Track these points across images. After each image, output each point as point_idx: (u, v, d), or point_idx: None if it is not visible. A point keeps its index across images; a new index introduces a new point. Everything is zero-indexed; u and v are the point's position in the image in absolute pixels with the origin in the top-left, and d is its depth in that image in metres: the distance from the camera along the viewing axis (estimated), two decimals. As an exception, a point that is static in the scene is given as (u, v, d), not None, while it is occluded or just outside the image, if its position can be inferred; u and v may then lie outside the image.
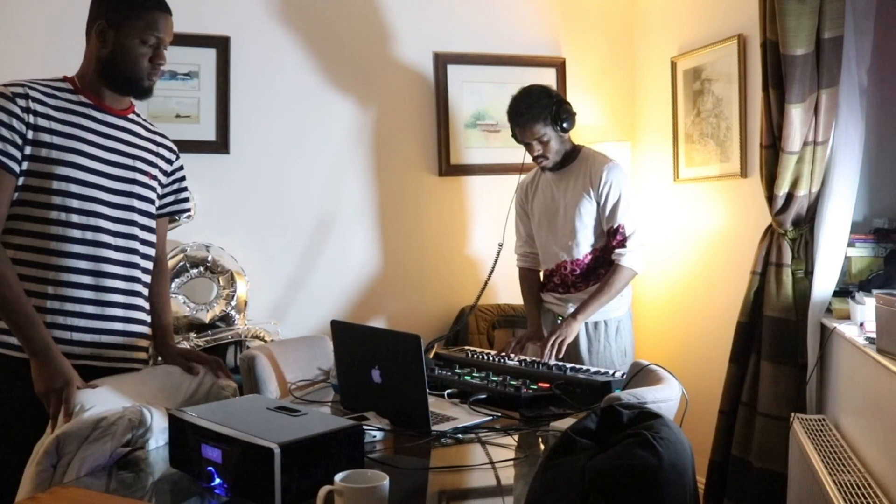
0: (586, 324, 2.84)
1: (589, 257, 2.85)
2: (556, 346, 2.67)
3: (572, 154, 2.88)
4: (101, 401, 1.81)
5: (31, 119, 1.89)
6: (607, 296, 2.76)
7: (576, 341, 2.83)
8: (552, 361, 2.61)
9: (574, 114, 2.83)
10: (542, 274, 3.04)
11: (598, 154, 2.89)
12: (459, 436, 1.93)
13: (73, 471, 1.65)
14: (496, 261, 3.08)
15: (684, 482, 1.42)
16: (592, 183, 2.79)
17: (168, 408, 1.88)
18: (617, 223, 2.77)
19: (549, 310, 2.95)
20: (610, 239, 2.79)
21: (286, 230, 3.62)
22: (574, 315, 2.75)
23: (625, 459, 1.36)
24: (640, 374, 2.23)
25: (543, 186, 2.94)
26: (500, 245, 3.07)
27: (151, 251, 2.15)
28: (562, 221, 2.86)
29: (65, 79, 2.05)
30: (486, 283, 3.11)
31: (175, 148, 2.27)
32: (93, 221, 1.97)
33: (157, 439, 1.82)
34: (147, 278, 2.13)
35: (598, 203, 2.79)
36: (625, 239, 2.76)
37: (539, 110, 2.76)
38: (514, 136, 2.87)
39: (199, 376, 2.08)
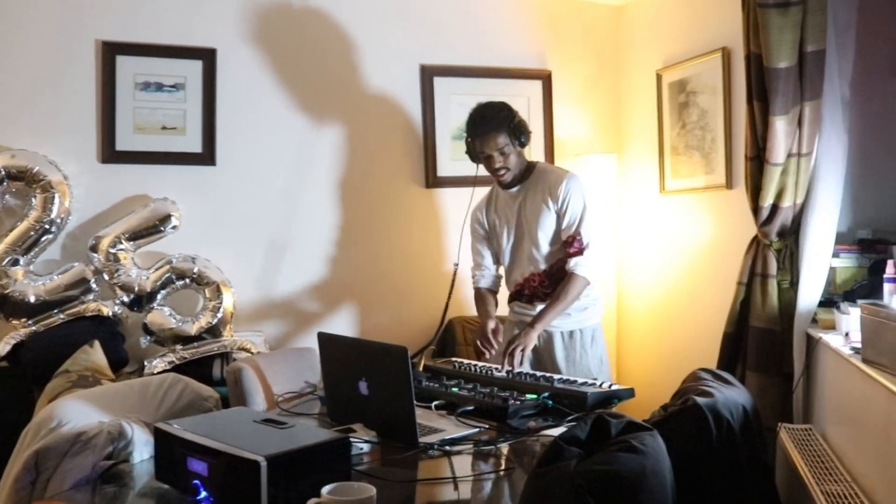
0: (561, 333, 2.85)
1: (555, 268, 2.85)
2: (514, 355, 2.64)
3: (528, 169, 2.90)
4: (78, 415, 1.79)
5: None
6: (563, 304, 2.75)
7: (552, 351, 2.84)
8: (511, 368, 2.59)
9: (530, 132, 2.85)
10: (512, 288, 3.00)
11: (556, 167, 2.94)
12: (447, 448, 1.93)
13: (56, 485, 1.63)
14: (453, 281, 3.06)
15: (665, 490, 1.44)
16: (552, 194, 2.80)
17: (147, 421, 1.87)
18: (574, 232, 2.78)
19: (523, 321, 2.93)
20: (566, 247, 2.80)
21: (272, 241, 3.61)
22: (532, 324, 2.74)
23: (609, 464, 1.37)
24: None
25: (503, 205, 2.95)
26: (456, 265, 3.07)
27: None
28: (527, 235, 2.87)
29: None
30: (447, 304, 3.08)
31: None
32: None
33: (142, 452, 1.80)
34: None
35: (558, 214, 2.81)
36: (582, 248, 2.77)
37: (501, 120, 2.76)
38: (469, 151, 2.86)
39: (179, 388, 2.07)
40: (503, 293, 3.07)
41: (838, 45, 2.63)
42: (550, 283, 2.85)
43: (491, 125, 2.76)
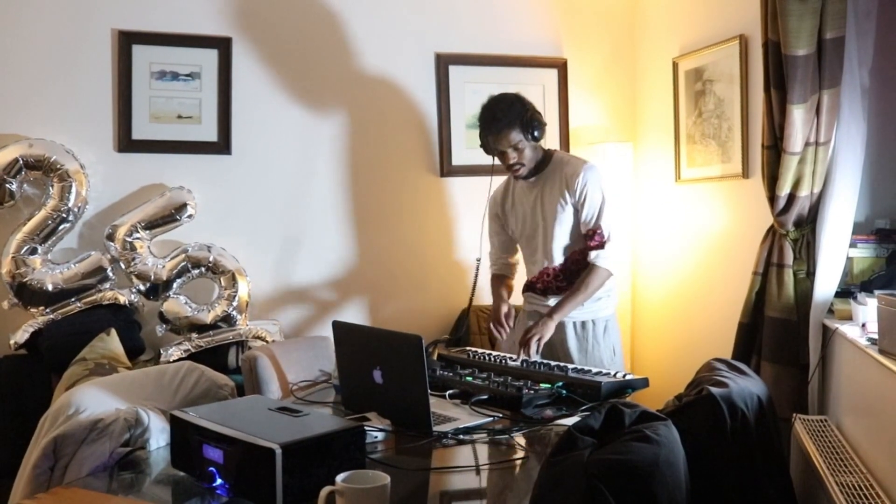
0: (574, 324, 2.83)
1: (570, 261, 2.83)
2: (530, 345, 2.64)
3: (545, 160, 2.85)
4: (95, 402, 1.81)
5: None
6: (583, 296, 2.73)
7: (564, 341, 2.83)
8: (532, 359, 2.59)
9: (545, 124, 2.79)
10: (526, 279, 2.99)
11: (574, 157, 2.87)
12: (461, 436, 1.93)
13: (74, 472, 1.65)
14: (476, 276, 3.01)
15: (679, 480, 1.44)
16: (569, 186, 2.76)
17: (163, 408, 1.88)
18: (594, 225, 2.75)
19: (537, 312, 2.92)
20: (587, 241, 2.77)
21: (288, 230, 3.62)
22: (550, 314, 2.72)
23: (623, 454, 1.38)
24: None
25: (519, 195, 2.91)
26: (478, 259, 3.03)
27: None
28: (542, 228, 2.84)
29: None
30: (471, 296, 3.06)
31: None
32: None
33: (158, 440, 1.82)
34: None
35: (576, 207, 2.78)
36: (603, 241, 2.74)
37: (513, 117, 2.70)
38: (484, 145, 2.79)
39: (194, 377, 2.08)
40: (519, 280, 3.05)
41: (858, 33, 2.59)
42: (565, 278, 2.83)
43: (502, 123, 2.70)
